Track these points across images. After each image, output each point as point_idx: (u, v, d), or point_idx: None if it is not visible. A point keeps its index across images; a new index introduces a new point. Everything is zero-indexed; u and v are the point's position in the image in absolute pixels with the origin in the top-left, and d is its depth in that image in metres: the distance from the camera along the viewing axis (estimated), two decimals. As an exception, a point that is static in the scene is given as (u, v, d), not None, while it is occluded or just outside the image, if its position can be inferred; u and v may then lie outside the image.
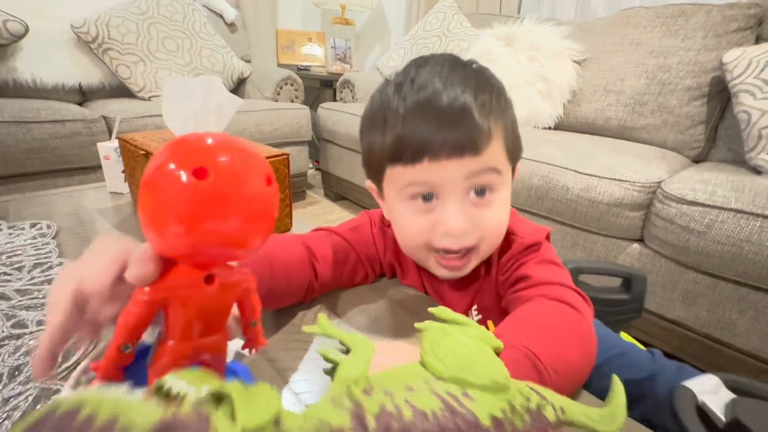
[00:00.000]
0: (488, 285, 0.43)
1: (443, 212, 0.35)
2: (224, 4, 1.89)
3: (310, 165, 2.24)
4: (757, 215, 0.71)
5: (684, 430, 0.32)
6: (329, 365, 0.28)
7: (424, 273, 0.46)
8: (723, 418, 0.32)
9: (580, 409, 0.24)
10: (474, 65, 0.38)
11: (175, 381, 0.16)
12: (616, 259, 0.93)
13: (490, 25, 1.56)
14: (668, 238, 0.82)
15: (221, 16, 1.89)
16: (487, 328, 0.42)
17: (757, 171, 0.94)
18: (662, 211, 0.83)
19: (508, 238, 0.41)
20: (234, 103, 0.46)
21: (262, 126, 1.53)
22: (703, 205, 0.77)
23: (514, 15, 1.73)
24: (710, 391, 0.34)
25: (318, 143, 1.86)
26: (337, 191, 1.86)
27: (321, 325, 0.28)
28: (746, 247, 0.72)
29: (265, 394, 0.17)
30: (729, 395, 0.35)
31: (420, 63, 0.37)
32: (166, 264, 0.19)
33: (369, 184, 0.43)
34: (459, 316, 0.28)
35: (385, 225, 0.46)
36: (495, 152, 0.35)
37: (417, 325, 0.28)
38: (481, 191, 0.36)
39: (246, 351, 0.26)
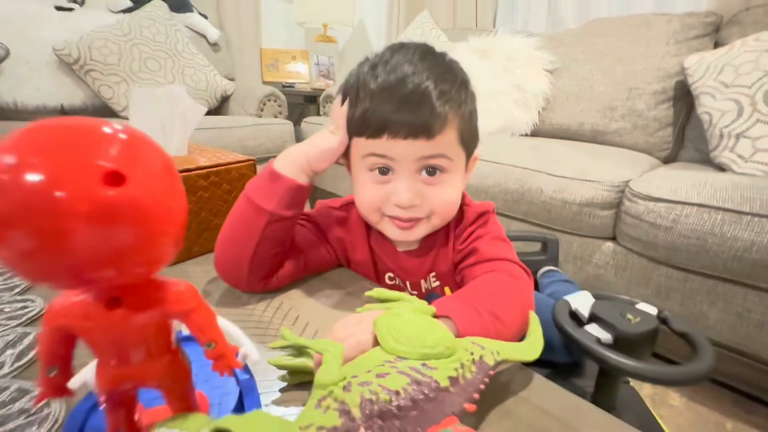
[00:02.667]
0: (445, 253, 0.47)
1: (396, 186, 0.39)
2: (207, 25, 1.93)
3: (297, 179, 2.26)
4: (718, 208, 0.74)
5: (558, 326, 0.42)
6: (282, 372, 0.30)
7: (377, 246, 0.49)
8: (585, 315, 0.44)
9: (510, 347, 0.29)
10: (445, 56, 0.41)
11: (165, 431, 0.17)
12: (591, 258, 0.95)
13: (465, 38, 1.61)
14: (638, 235, 0.84)
15: (204, 36, 1.92)
16: (443, 293, 0.46)
17: (721, 168, 0.97)
18: (631, 209, 0.85)
19: (461, 209, 0.46)
20: (198, 111, 0.48)
21: (245, 141, 1.55)
22: (667, 201, 0.79)
23: (489, 28, 1.80)
24: (581, 300, 0.46)
25: (302, 157, 1.87)
26: (323, 204, 1.87)
27: (286, 338, 0.30)
28: (710, 240, 0.74)
29: (260, 419, 0.18)
30: (592, 301, 0.46)
31: (395, 48, 0.41)
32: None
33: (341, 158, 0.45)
34: (393, 293, 0.31)
35: (332, 208, 0.49)
36: (448, 138, 0.39)
37: (358, 309, 0.30)
38: (431, 171, 0.40)
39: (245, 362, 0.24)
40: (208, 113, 1.80)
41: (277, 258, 0.44)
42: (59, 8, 1.52)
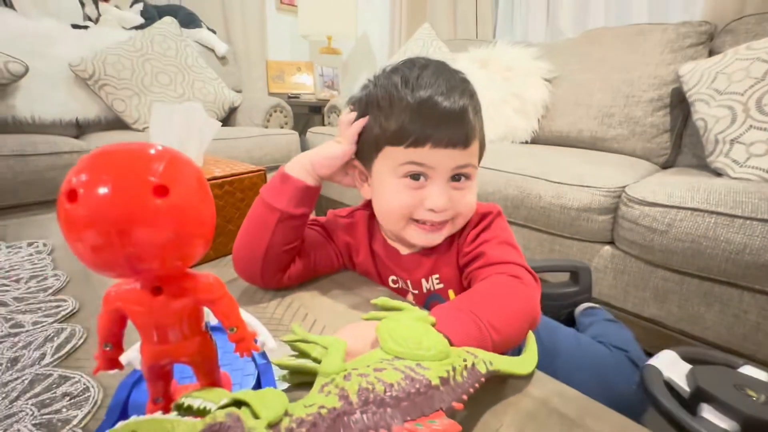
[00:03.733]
0: (448, 256, 0.49)
1: (430, 191, 0.42)
2: (215, 39, 2.00)
3: (302, 188, 2.30)
4: (711, 212, 0.76)
5: (659, 406, 0.35)
6: (284, 372, 0.32)
7: (380, 248, 0.52)
8: (687, 389, 0.36)
9: (503, 360, 0.31)
10: (462, 74, 0.46)
11: (192, 399, 0.21)
12: (590, 261, 0.97)
13: (466, 49, 1.66)
14: (635, 239, 0.86)
15: (213, 51, 1.99)
16: (447, 297, 0.48)
17: (718, 174, 0.99)
18: (627, 214, 0.87)
19: None
20: (213, 126, 0.53)
21: (252, 152, 1.59)
22: (662, 205, 0.82)
23: (489, 39, 1.84)
24: (671, 365, 0.38)
25: (308, 166, 1.92)
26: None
27: (296, 333, 0.33)
28: (704, 243, 0.76)
29: (272, 394, 0.22)
30: (686, 366, 0.39)
31: (422, 63, 0.44)
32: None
33: (358, 166, 0.48)
34: (397, 302, 0.34)
35: (339, 216, 0.53)
36: (475, 148, 0.44)
37: (363, 316, 0.34)
38: (458, 177, 0.43)
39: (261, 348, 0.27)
40: (216, 124, 1.86)
41: (289, 255, 0.47)
42: (75, 26, 1.59)
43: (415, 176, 0.43)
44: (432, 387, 0.26)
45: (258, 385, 0.25)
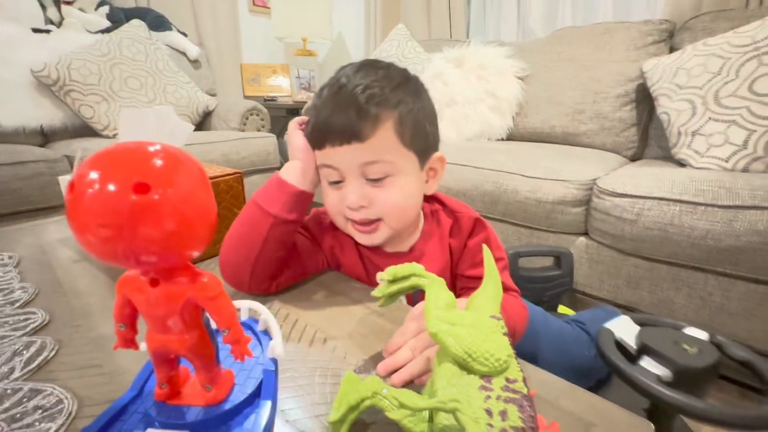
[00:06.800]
0: (436, 259, 0.50)
1: (345, 190, 0.43)
2: (186, 42, 1.96)
3: (282, 191, 2.28)
4: (676, 201, 0.80)
5: (605, 359, 0.40)
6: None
7: (364, 248, 0.52)
8: (634, 346, 0.41)
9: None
10: (383, 64, 0.44)
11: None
12: (566, 253, 1.00)
13: (440, 49, 1.68)
14: (607, 229, 0.89)
15: (184, 54, 1.94)
16: None
17: (682, 164, 1.04)
18: (599, 205, 0.91)
19: (453, 215, 0.50)
20: (185, 129, 0.52)
21: (229, 155, 1.57)
22: (631, 196, 0.85)
23: (462, 39, 1.87)
24: (623, 328, 0.43)
25: (287, 169, 1.90)
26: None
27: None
28: (671, 230, 0.80)
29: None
30: (637, 329, 0.44)
31: (344, 67, 0.44)
32: None
33: None
34: (405, 268, 0.33)
35: (323, 214, 0.53)
36: (385, 140, 0.41)
37: (374, 293, 0.33)
38: (377, 176, 0.42)
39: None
40: (191, 129, 1.82)
41: (278, 263, 0.47)
42: (36, 30, 1.52)
43: (335, 179, 0.44)
44: (526, 397, 0.24)
45: (258, 392, 0.25)
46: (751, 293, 0.77)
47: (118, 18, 1.74)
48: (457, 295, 0.47)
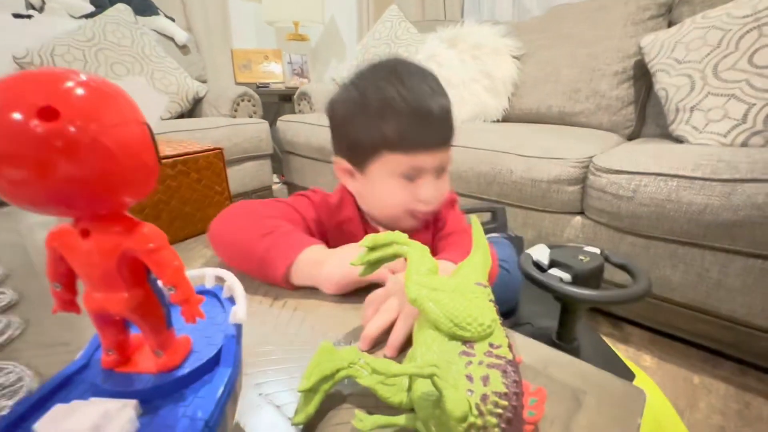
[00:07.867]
0: (422, 234, 0.51)
1: (423, 188, 0.46)
2: (174, 27, 1.91)
3: (276, 179, 2.25)
4: (673, 176, 0.78)
5: (524, 273, 0.51)
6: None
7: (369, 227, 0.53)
8: (546, 262, 0.54)
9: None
10: (431, 71, 0.47)
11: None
12: (562, 233, 0.99)
13: (434, 29, 1.64)
14: (603, 207, 0.88)
15: (172, 39, 1.90)
16: None
17: (680, 141, 1.02)
18: (595, 183, 0.89)
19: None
20: (160, 101, 0.49)
21: (220, 142, 1.54)
22: (627, 172, 0.83)
23: (456, 19, 1.83)
24: (540, 252, 0.56)
25: (281, 156, 1.87)
26: (304, 201, 1.87)
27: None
28: (668, 206, 0.78)
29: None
30: (548, 251, 0.56)
31: (404, 67, 0.45)
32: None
33: (342, 164, 0.48)
34: (384, 236, 0.31)
35: (329, 204, 0.52)
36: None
37: (353, 261, 0.31)
38: (442, 171, 0.48)
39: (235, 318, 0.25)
40: (181, 116, 1.78)
41: None
42: (17, 15, 1.48)
43: (409, 176, 0.46)
44: (511, 362, 0.24)
45: (216, 359, 0.23)
46: (749, 268, 0.75)
47: (102, 2, 1.69)
48: (436, 255, 0.47)
